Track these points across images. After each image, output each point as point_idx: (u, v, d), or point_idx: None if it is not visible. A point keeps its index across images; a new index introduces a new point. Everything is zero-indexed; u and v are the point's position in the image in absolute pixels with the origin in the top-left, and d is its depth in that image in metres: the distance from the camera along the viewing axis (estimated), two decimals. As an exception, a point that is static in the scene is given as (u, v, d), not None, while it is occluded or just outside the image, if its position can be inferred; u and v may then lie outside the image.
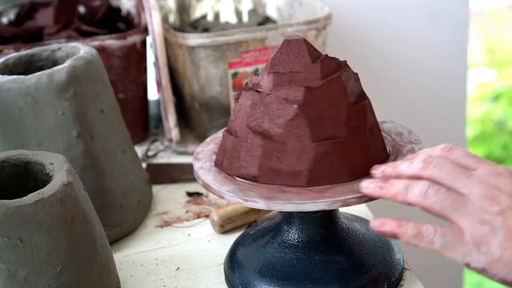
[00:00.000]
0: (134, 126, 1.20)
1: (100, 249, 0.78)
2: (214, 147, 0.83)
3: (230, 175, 0.77)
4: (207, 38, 1.16)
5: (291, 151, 0.73)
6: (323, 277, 0.77)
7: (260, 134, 0.74)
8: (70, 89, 0.88)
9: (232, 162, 0.77)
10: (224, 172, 0.78)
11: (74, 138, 0.89)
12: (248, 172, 0.75)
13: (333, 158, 0.72)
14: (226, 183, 0.76)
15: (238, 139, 0.76)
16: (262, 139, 0.74)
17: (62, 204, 0.73)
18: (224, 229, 0.95)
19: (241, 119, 0.76)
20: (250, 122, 0.75)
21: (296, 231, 0.81)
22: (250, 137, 0.75)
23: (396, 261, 0.82)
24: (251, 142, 0.75)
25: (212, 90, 1.20)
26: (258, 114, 0.75)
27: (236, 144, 0.76)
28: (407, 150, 0.79)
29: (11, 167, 0.79)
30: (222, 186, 0.75)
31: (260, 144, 0.74)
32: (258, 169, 0.74)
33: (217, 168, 0.79)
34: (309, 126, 0.72)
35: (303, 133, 0.72)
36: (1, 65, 0.94)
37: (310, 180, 0.72)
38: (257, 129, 0.74)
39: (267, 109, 0.74)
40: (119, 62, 1.18)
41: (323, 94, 0.73)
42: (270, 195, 0.72)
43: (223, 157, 0.78)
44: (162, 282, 0.86)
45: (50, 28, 1.25)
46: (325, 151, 0.72)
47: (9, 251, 0.71)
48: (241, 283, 0.80)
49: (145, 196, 1.01)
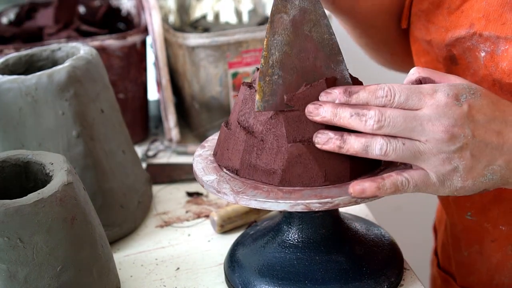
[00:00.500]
0: (134, 126, 1.20)
1: (100, 249, 0.78)
2: None
3: (220, 165, 0.78)
4: (207, 38, 1.16)
5: (269, 149, 0.73)
6: (323, 277, 0.77)
7: (245, 129, 0.74)
8: (70, 89, 0.88)
9: (223, 153, 0.77)
10: (216, 162, 0.79)
11: (74, 138, 0.89)
12: (233, 164, 0.76)
13: (307, 161, 0.72)
14: (211, 173, 0.77)
15: (230, 132, 0.77)
16: (246, 134, 0.74)
17: (62, 204, 0.73)
18: (224, 229, 0.95)
19: (235, 113, 0.77)
20: (239, 116, 0.76)
21: (296, 231, 0.81)
22: (237, 131, 0.75)
23: (396, 261, 0.82)
24: (238, 136, 0.75)
25: (212, 90, 1.20)
26: (246, 110, 0.75)
27: (227, 136, 0.77)
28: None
29: (11, 167, 0.79)
30: (205, 175, 0.77)
31: (244, 139, 0.74)
32: (240, 163, 0.75)
33: (214, 157, 0.80)
34: (286, 126, 0.72)
35: (280, 133, 0.72)
36: (1, 65, 0.94)
37: (282, 180, 0.72)
38: (243, 124, 0.75)
39: (254, 106, 0.74)
40: (119, 62, 1.18)
41: (305, 98, 0.73)
42: (241, 189, 0.73)
43: (218, 147, 0.79)
44: (162, 282, 0.86)
45: (50, 28, 1.25)
46: (299, 153, 0.72)
47: (9, 251, 0.71)
48: (241, 283, 0.80)
49: (145, 196, 1.01)
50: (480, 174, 0.68)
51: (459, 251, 0.91)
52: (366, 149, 0.68)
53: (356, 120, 0.68)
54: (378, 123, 0.67)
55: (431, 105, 0.67)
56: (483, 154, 0.67)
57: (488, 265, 0.87)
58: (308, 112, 0.71)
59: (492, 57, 0.77)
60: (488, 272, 0.88)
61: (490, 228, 0.85)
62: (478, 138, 0.67)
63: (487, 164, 0.68)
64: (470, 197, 0.85)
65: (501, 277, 0.86)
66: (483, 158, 0.67)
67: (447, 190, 0.68)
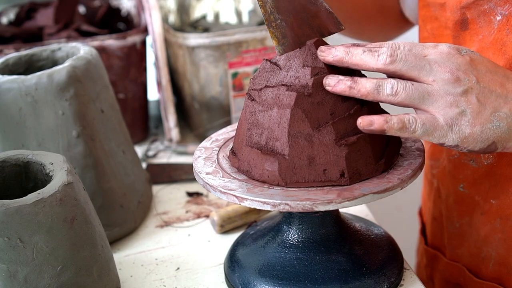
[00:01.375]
0: (134, 126, 1.20)
1: (100, 249, 0.78)
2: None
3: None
4: (207, 38, 1.16)
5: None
6: (323, 277, 0.77)
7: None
8: (70, 89, 0.88)
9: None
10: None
11: (74, 138, 0.89)
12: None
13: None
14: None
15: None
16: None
17: (62, 204, 0.73)
18: (224, 229, 0.95)
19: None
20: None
21: (296, 231, 0.81)
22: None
23: (396, 261, 0.82)
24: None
25: (212, 90, 1.20)
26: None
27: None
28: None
29: (11, 167, 0.79)
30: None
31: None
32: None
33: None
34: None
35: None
36: (1, 65, 0.94)
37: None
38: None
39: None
40: (119, 62, 1.18)
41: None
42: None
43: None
44: (162, 282, 0.86)
45: (50, 28, 1.25)
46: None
47: (9, 251, 0.71)
48: (241, 283, 0.80)
49: (145, 196, 1.01)
50: (487, 120, 0.69)
51: (452, 223, 0.92)
52: (378, 88, 0.69)
53: (368, 55, 0.70)
54: (390, 57, 0.69)
55: (434, 53, 0.70)
56: (489, 101, 0.69)
57: (476, 237, 0.88)
58: (320, 52, 0.73)
59: (508, 21, 0.78)
60: (476, 244, 0.89)
61: (481, 201, 0.86)
62: (482, 84, 0.69)
63: (493, 110, 0.69)
64: (463, 170, 0.87)
65: (489, 250, 0.87)
66: (489, 104, 0.69)
67: (456, 136, 0.69)
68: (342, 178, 0.72)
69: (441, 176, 0.94)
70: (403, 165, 0.75)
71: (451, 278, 0.94)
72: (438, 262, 0.97)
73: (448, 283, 0.96)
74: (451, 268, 0.94)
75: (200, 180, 0.77)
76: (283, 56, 0.76)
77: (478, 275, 0.89)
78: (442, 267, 0.96)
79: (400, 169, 0.75)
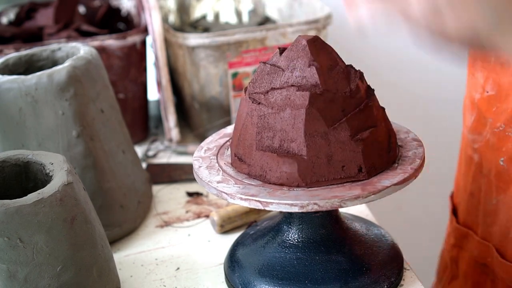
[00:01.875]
0: (134, 126, 1.20)
1: (100, 249, 0.78)
2: None
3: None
4: (207, 38, 1.16)
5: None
6: (323, 277, 0.77)
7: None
8: (70, 89, 0.88)
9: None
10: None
11: (74, 138, 0.89)
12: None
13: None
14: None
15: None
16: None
17: (62, 204, 0.73)
18: (224, 229, 0.95)
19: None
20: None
21: (296, 231, 0.81)
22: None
23: (396, 261, 0.82)
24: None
25: (212, 90, 1.20)
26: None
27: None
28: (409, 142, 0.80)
29: (11, 167, 0.79)
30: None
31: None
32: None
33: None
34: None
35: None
36: (1, 65, 0.94)
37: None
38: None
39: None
40: (119, 62, 1.18)
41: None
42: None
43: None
44: (162, 282, 0.86)
45: (50, 28, 1.25)
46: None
47: (9, 251, 0.71)
48: (241, 283, 0.80)
49: (145, 196, 1.01)
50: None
51: (490, 199, 0.92)
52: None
53: None
54: None
55: None
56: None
57: (508, 216, 0.88)
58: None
59: None
60: (507, 224, 0.88)
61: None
62: None
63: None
64: (506, 142, 0.86)
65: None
66: None
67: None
68: (360, 173, 0.73)
69: (484, 149, 0.93)
70: (408, 155, 0.77)
71: (479, 257, 0.94)
72: (468, 241, 0.97)
73: (475, 263, 0.95)
74: (481, 247, 0.93)
75: (213, 190, 0.75)
76: (281, 57, 0.75)
77: (505, 256, 0.89)
78: (472, 246, 0.96)
79: (407, 159, 0.76)
